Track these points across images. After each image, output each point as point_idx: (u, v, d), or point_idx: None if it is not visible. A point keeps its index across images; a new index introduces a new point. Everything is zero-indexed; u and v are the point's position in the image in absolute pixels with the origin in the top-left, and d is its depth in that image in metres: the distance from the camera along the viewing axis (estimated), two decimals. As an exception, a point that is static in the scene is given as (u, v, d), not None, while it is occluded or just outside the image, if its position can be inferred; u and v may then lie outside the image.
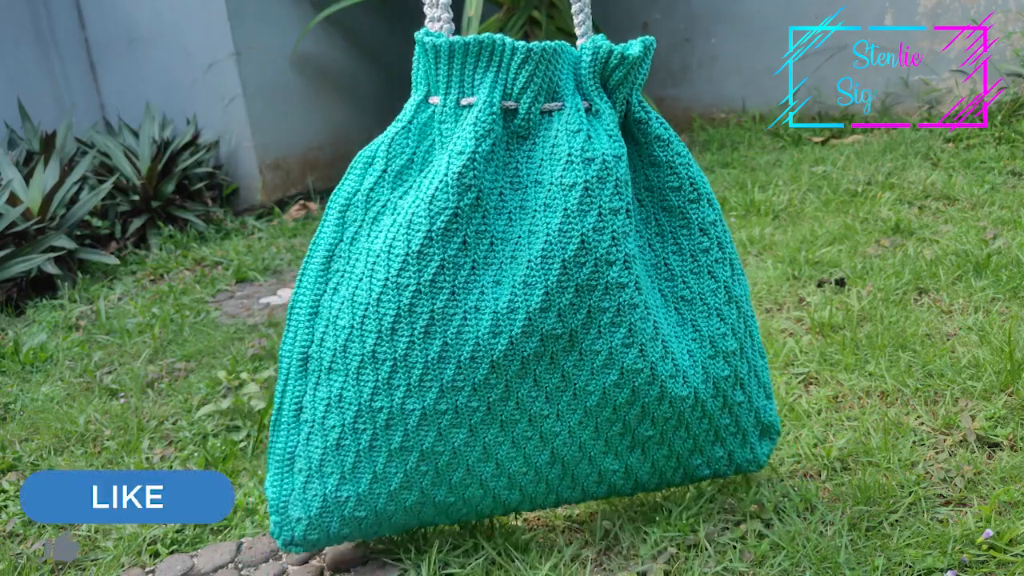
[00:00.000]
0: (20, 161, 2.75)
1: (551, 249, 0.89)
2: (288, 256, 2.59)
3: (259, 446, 1.41)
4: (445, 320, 0.90)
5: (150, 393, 1.68)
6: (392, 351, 0.91)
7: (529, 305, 0.90)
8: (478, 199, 0.90)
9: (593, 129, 0.93)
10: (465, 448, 0.95)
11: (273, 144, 3.18)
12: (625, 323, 0.93)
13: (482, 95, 0.90)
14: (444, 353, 0.90)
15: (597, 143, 0.91)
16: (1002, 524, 1.01)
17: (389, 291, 0.90)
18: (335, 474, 0.97)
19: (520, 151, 0.93)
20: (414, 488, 0.97)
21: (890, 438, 1.21)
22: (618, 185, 0.91)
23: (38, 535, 1.23)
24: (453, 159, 0.89)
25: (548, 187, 0.91)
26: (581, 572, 1.01)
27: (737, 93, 3.54)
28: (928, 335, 1.52)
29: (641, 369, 0.94)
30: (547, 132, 0.92)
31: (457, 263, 0.90)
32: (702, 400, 1.00)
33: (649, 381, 0.95)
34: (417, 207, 0.89)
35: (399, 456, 0.95)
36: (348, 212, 0.95)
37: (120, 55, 3.26)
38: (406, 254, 0.89)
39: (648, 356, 0.94)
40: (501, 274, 0.91)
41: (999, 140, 2.68)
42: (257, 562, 1.12)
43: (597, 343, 0.93)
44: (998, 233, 1.94)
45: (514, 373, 0.92)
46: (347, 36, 3.34)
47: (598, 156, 0.90)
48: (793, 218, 2.29)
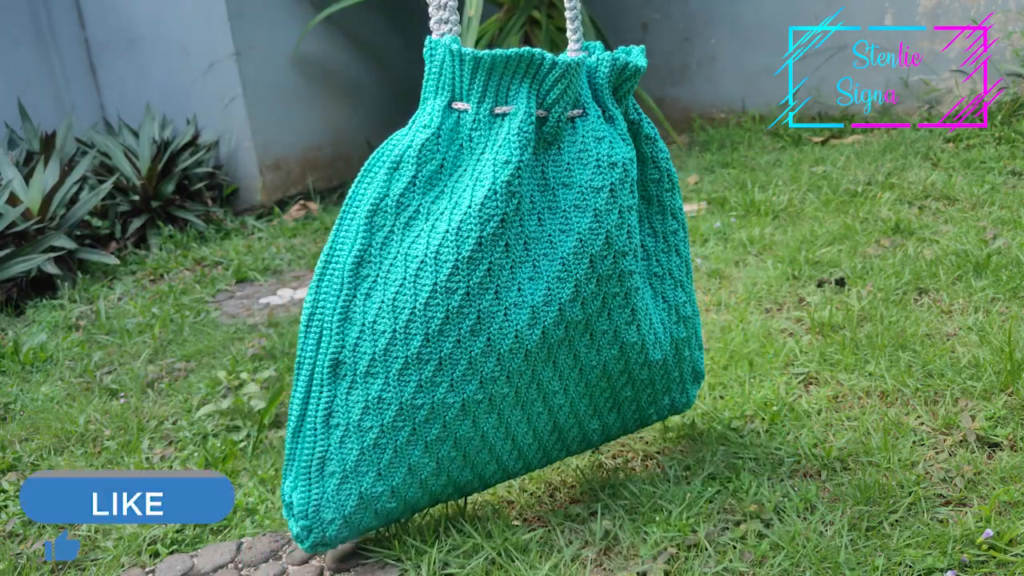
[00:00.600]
0: (20, 161, 2.75)
1: (583, 247, 0.97)
2: (288, 256, 2.58)
3: (259, 446, 1.41)
4: (490, 318, 0.94)
5: (150, 393, 1.68)
6: (438, 351, 0.94)
7: (562, 297, 0.97)
8: (519, 204, 0.95)
9: (612, 135, 1.00)
10: (492, 431, 1.02)
11: (273, 144, 3.18)
12: (631, 304, 1.03)
13: (520, 105, 0.94)
14: (488, 348, 0.95)
15: (618, 148, 1.00)
16: (1002, 524, 1.01)
17: (438, 295, 0.92)
18: (371, 472, 0.99)
19: (546, 156, 0.99)
20: (443, 474, 1.02)
21: (890, 438, 1.21)
22: (632, 184, 1.01)
23: (38, 535, 1.23)
24: (500, 169, 0.93)
25: (578, 190, 0.98)
26: (581, 572, 1.01)
27: (737, 93, 3.54)
28: (928, 335, 1.52)
29: (635, 342, 1.06)
30: (572, 138, 0.99)
31: (501, 264, 0.94)
32: (668, 361, 1.13)
33: (640, 351, 1.07)
34: (466, 215, 0.92)
35: (435, 446, 0.99)
36: (376, 217, 0.95)
37: (120, 55, 3.26)
38: (456, 260, 0.92)
39: (642, 330, 1.06)
40: (536, 271, 0.97)
41: (999, 140, 2.68)
42: (257, 562, 1.12)
43: (606, 324, 1.03)
44: (998, 233, 1.94)
45: (542, 359, 1.00)
46: (348, 36, 3.34)
47: (619, 161, 0.99)
48: (793, 218, 2.29)
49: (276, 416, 1.50)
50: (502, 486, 1.20)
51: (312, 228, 2.89)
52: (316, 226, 2.90)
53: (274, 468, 1.34)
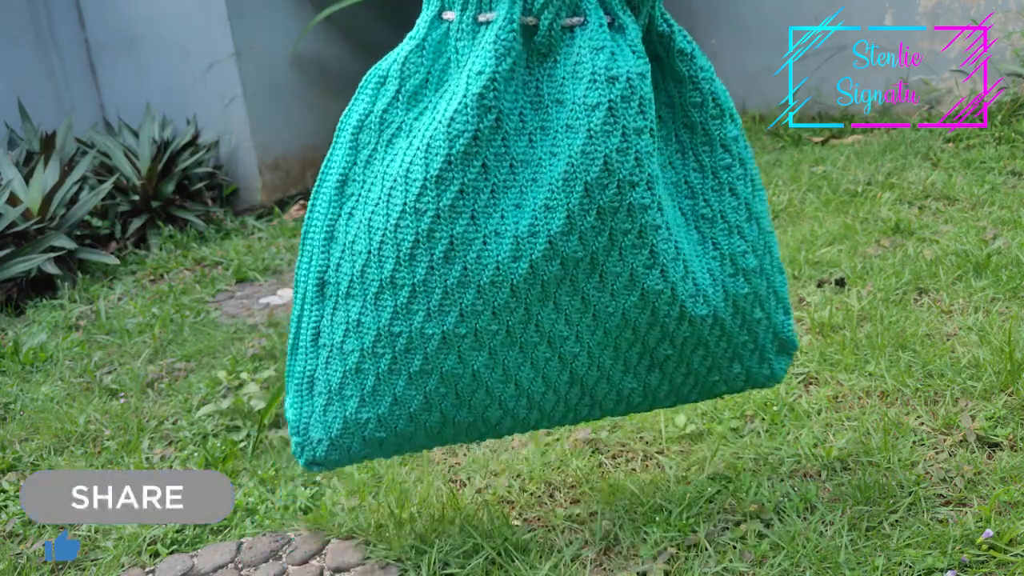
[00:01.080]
0: (20, 161, 2.75)
1: (573, 171, 0.86)
2: (288, 256, 2.58)
3: (259, 446, 1.41)
4: (465, 245, 0.88)
5: (150, 393, 1.68)
6: (411, 276, 0.89)
7: (550, 229, 0.88)
8: (498, 121, 0.87)
9: (617, 46, 0.88)
10: (485, 371, 0.95)
11: (273, 144, 3.18)
12: (647, 245, 0.91)
13: (502, 11, 0.86)
14: (464, 278, 0.89)
15: (621, 60, 0.87)
16: (1002, 524, 1.01)
17: (408, 216, 0.87)
18: (355, 397, 0.96)
19: (541, 69, 0.89)
20: (434, 410, 0.97)
21: (890, 438, 1.21)
22: (642, 104, 0.87)
23: (38, 535, 1.23)
24: (472, 80, 0.86)
25: (570, 107, 0.87)
26: (581, 572, 1.01)
27: (737, 93, 3.54)
28: (928, 335, 1.52)
29: (662, 291, 0.93)
30: (569, 49, 0.88)
31: (477, 187, 0.87)
32: (721, 319, 0.98)
33: (670, 302, 0.94)
34: (435, 131, 0.86)
35: (419, 379, 0.94)
36: (361, 134, 0.92)
37: (120, 55, 3.26)
38: (424, 179, 0.86)
39: (669, 277, 0.93)
40: (522, 198, 0.89)
41: (999, 140, 2.67)
42: (257, 562, 1.12)
43: (618, 265, 0.91)
44: (998, 233, 1.94)
45: (535, 297, 0.91)
46: (347, 36, 3.34)
47: (622, 74, 0.86)
48: (793, 218, 2.29)
49: (276, 416, 1.50)
50: (502, 486, 1.20)
51: (312, 228, 2.89)
52: (316, 226, 2.89)
53: (274, 468, 1.34)
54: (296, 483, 1.29)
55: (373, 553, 1.09)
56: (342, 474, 1.29)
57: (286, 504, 1.23)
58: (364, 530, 1.14)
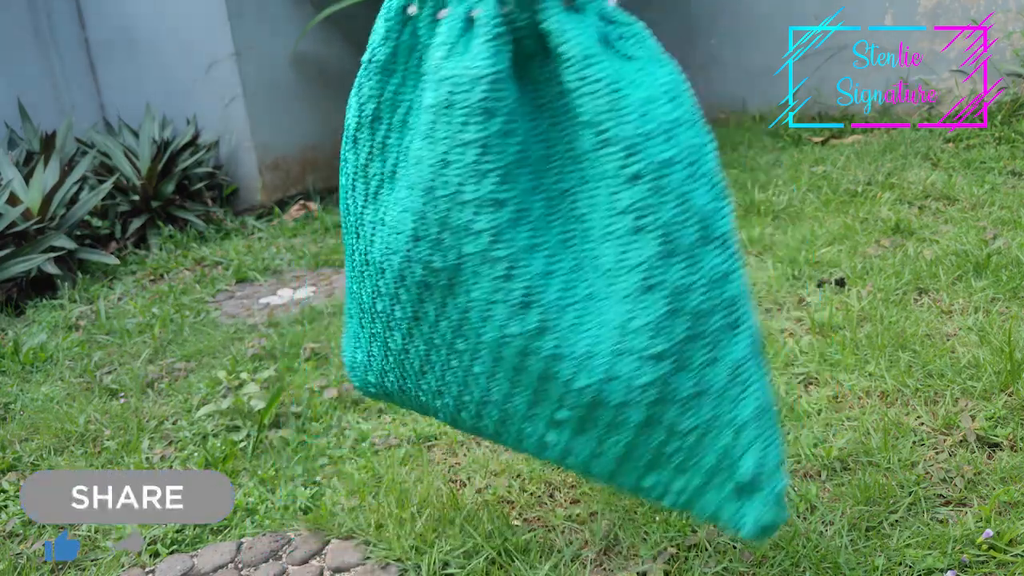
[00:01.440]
0: (20, 161, 2.75)
1: (419, 172, 0.81)
2: (288, 256, 2.58)
3: (259, 446, 1.41)
4: (363, 218, 0.90)
5: (150, 393, 1.68)
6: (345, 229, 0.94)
7: (405, 230, 0.83)
8: (395, 103, 0.87)
9: (461, 43, 0.78)
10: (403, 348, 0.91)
11: (273, 144, 3.18)
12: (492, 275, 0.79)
13: None
14: (365, 248, 0.90)
15: (456, 60, 0.77)
16: (1002, 524, 1.01)
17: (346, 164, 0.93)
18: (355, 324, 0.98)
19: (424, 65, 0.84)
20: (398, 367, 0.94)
21: (890, 438, 1.21)
22: (470, 113, 0.76)
23: (38, 535, 1.23)
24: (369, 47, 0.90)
25: (418, 110, 0.84)
26: (581, 572, 1.01)
27: (737, 93, 3.54)
28: (928, 335, 1.52)
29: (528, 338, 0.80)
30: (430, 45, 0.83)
31: (380, 163, 0.88)
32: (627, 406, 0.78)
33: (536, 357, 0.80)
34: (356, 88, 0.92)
35: (380, 335, 0.94)
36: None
37: (120, 55, 3.26)
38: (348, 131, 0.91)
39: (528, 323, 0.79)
40: (401, 191, 0.85)
41: (999, 140, 2.68)
42: (257, 562, 1.12)
43: (474, 291, 0.81)
44: (998, 233, 1.94)
45: (418, 295, 0.85)
46: (347, 36, 3.34)
47: (451, 76, 0.77)
48: (793, 218, 2.29)
49: (276, 416, 1.50)
50: (502, 486, 1.21)
51: (312, 228, 2.89)
52: (316, 226, 2.90)
53: (274, 468, 1.34)
54: (296, 483, 1.29)
55: (373, 553, 1.09)
56: (342, 474, 1.29)
57: (286, 504, 1.23)
58: (364, 530, 1.14)
